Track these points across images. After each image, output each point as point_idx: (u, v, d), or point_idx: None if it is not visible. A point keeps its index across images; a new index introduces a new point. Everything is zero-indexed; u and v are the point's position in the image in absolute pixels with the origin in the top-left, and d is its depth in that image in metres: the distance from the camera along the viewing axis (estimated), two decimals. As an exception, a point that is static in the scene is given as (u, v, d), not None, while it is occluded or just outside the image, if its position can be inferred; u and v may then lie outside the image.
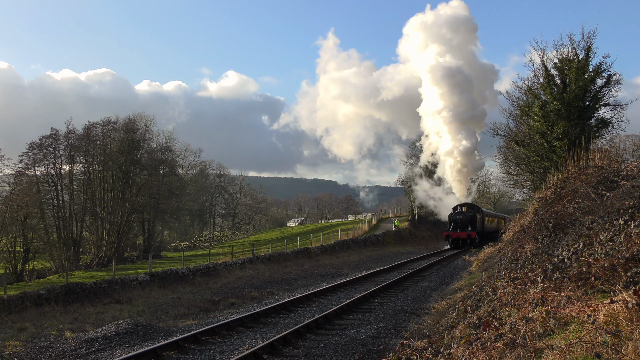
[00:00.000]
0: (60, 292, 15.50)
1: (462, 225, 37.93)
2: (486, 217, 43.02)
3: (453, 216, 39.04)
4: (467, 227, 37.77)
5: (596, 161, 15.07)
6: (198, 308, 14.81)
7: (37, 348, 10.37)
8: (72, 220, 43.33)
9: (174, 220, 66.49)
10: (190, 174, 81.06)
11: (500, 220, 50.81)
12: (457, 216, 38.63)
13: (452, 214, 39.51)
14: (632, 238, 5.74)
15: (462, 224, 38.06)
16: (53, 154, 42.91)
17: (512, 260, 10.69)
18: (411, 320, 11.51)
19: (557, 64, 26.76)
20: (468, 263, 24.54)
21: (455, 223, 38.40)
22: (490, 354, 4.74)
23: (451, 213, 39.86)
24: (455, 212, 39.46)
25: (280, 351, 8.98)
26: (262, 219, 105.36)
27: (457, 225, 38.15)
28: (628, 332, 3.76)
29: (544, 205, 15.25)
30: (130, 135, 47.36)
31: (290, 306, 13.57)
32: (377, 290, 15.44)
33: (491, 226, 44.97)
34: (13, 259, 35.78)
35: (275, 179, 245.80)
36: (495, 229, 45.24)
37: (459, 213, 38.93)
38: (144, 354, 8.70)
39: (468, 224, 37.91)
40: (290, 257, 27.52)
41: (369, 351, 8.85)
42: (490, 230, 43.97)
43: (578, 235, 7.82)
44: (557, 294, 5.41)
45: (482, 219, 40.71)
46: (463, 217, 38.35)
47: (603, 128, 27.06)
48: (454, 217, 38.78)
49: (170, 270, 19.75)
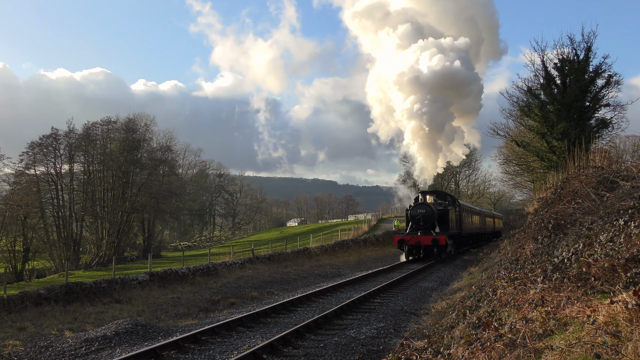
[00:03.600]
0: (60, 292, 15.50)
1: (425, 224, 25.48)
2: (466, 214, 31.28)
3: (412, 210, 26.05)
4: (433, 228, 25.50)
5: (596, 162, 15.09)
6: (198, 308, 14.81)
7: (36, 347, 10.37)
8: (72, 219, 43.33)
9: (174, 220, 66.48)
10: (190, 174, 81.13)
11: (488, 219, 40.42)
12: (417, 210, 25.71)
13: (411, 207, 26.46)
14: (632, 239, 5.74)
15: (425, 223, 25.47)
16: (53, 154, 42.91)
17: (512, 260, 10.70)
18: (411, 321, 11.51)
19: (557, 65, 26.81)
20: (468, 263, 24.53)
21: (415, 221, 25.71)
22: (490, 354, 4.74)
23: (410, 206, 26.83)
24: (415, 205, 26.28)
25: (280, 351, 8.98)
26: (262, 219, 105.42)
27: (417, 225, 25.70)
28: (628, 333, 3.76)
29: (544, 206, 15.27)
30: (130, 135, 47.41)
31: (290, 306, 13.57)
32: (377, 290, 15.44)
33: (473, 227, 33.40)
34: (13, 258, 35.76)
35: (275, 179, 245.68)
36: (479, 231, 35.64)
37: (421, 205, 25.96)
38: (143, 353, 8.70)
39: (435, 222, 25.63)
40: (290, 257, 27.52)
41: (368, 351, 8.85)
42: (472, 232, 33.12)
43: (578, 236, 7.83)
44: (557, 295, 5.42)
45: (458, 215, 28.59)
46: (427, 211, 25.52)
47: (603, 128, 27.09)
48: (413, 211, 25.87)
49: (170, 270, 19.76)
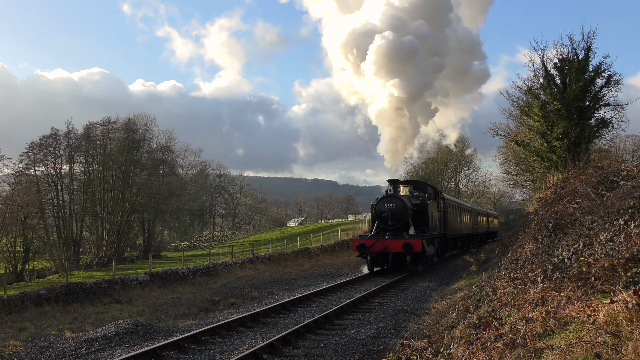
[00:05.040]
0: (60, 292, 15.50)
1: (395, 223, 19.42)
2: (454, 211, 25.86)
3: (378, 205, 19.91)
4: (407, 229, 19.55)
5: (596, 161, 15.10)
6: (198, 308, 14.81)
7: (37, 348, 10.37)
8: (72, 220, 43.37)
9: (174, 220, 66.53)
10: (190, 174, 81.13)
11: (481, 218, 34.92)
12: (385, 205, 19.54)
13: (378, 201, 20.17)
14: (632, 238, 5.75)
15: (396, 222, 19.40)
16: (53, 154, 43.00)
17: (512, 260, 10.70)
18: (411, 320, 11.52)
19: (557, 64, 26.76)
20: (468, 263, 24.53)
21: (382, 219, 19.65)
22: (490, 354, 4.74)
23: (376, 200, 20.45)
24: (382, 198, 19.94)
25: (280, 351, 8.98)
26: (262, 219, 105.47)
27: (385, 225, 19.63)
28: (628, 332, 3.76)
29: (544, 206, 15.27)
30: (130, 135, 47.46)
31: (290, 306, 13.57)
32: (377, 290, 15.44)
33: (463, 226, 28.14)
34: (13, 258, 35.83)
35: (275, 179, 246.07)
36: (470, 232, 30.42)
37: (389, 198, 19.67)
38: (144, 353, 8.70)
39: (410, 221, 19.63)
40: (290, 257, 27.52)
41: (369, 351, 8.85)
42: (462, 233, 27.77)
43: (578, 236, 7.83)
44: (557, 294, 5.42)
45: (443, 212, 23.25)
46: (398, 206, 19.38)
47: (603, 128, 27.04)
48: (380, 206, 19.71)
49: (170, 270, 19.76)
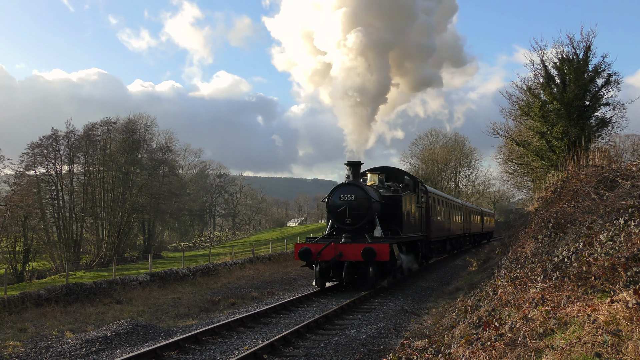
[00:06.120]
0: (61, 293, 15.50)
1: (355, 221, 15.09)
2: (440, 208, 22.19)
3: (332, 197, 15.46)
4: (371, 229, 15.19)
5: (596, 161, 15.10)
6: (198, 308, 14.82)
7: (37, 348, 10.37)
8: (72, 220, 43.33)
9: (174, 221, 66.44)
10: (190, 174, 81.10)
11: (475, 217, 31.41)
12: (341, 197, 15.16)
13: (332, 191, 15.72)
14: (632, 237, 5.75)
15: (356, 220, 15.06)
16: (53, 155, 42.90)
17: (512, 260, 10.70)
18: (411, 320, 11.52)
19: (556, 64, 26.76)
20: (468, 263, 24.52)
21: (338, 217, 15.32)
22: (491, 353, 4.75)
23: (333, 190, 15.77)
24: (338, 187, 15.60)
25: (280, 351, 8.98)
26: (262, 219, 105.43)
27: (341, 223, 15.31)
28: (628, 332, 3.76)
29: (543, 205, 15.26)
30: (130, 136, 47.43)
31: (291, 306, 13.57)
32: (377, 290, 15.43)
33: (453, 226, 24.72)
34: (13, 259, 35.78)
35: (275, 179, 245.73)
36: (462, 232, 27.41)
37: (347, 187, 15.31)
38: (144, 354, 8.70)
39: (376, 218, 15.28)
40: (290, 257, 27.52)
41: (369, 351, 8.85)
42: (451, 234, 24.45)
43: (578, 235, 7.83)
44: (557, 294, 5.42)
45: (424, 208, 19.25)
46: (359, 198, 15.00)
47: (603, 128, 27.04)
48: (334, 199, 15.34)
49: (171, 271, 19.77)
